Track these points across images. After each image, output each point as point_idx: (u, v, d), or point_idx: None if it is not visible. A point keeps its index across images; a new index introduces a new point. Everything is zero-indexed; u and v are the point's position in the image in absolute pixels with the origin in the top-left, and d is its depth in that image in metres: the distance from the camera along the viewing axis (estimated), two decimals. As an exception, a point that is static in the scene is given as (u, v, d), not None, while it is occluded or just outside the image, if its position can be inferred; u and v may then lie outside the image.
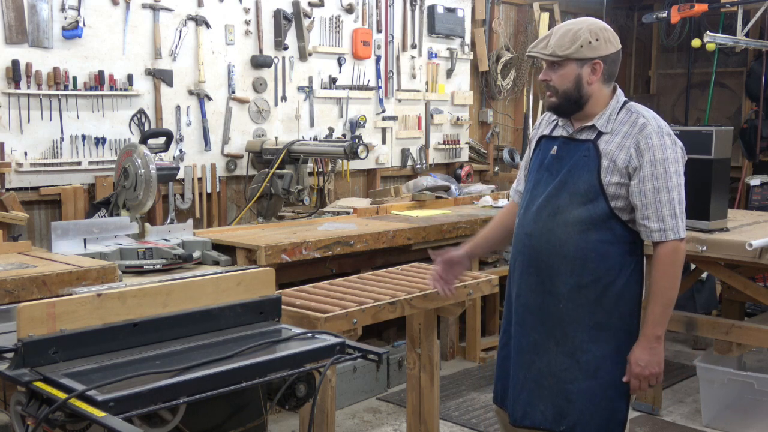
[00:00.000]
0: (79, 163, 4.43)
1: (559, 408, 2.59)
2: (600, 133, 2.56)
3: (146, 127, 4.66)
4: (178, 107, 4.84)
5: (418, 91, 6.28)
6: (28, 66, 4.20)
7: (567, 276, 2.55)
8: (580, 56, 2.50)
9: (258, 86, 5.22)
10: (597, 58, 2.51)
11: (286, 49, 5.33)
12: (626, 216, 2.53)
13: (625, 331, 2.59)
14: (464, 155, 6.75)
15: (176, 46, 4.79)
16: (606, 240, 2.53)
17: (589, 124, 2.58)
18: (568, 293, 2.55)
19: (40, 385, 1.85)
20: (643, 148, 2.48)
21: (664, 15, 6.26)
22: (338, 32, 5.68)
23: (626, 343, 2.59)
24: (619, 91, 2.62)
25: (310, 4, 5.47)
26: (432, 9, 6.26)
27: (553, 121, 2.72)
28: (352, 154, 4.70)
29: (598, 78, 2.54)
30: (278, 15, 5.27)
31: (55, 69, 4.29)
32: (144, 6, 4.64)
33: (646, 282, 2.64)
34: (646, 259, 2.69)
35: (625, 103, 2.60)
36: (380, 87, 5.98)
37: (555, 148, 2.63)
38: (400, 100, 6.15)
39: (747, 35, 6.28)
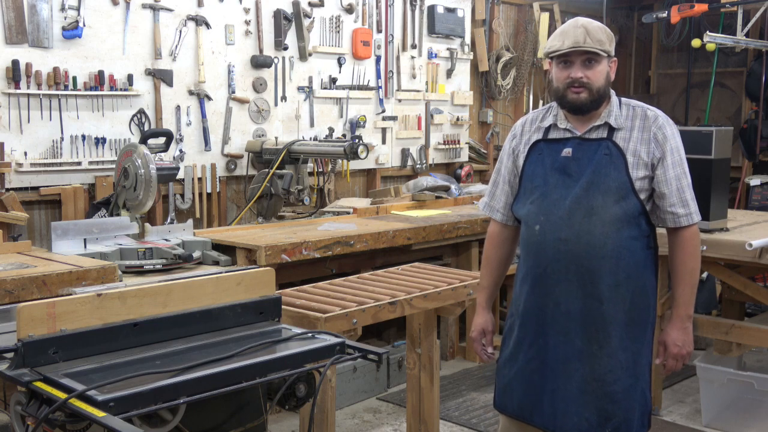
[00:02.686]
0: (79, 163, 4.43)
1: (603, 411, 2.57)
2: (612, 130, 2.57)
3: (146, 127, 4.66)
4: (178, 107, 4.84)
5: (418, 91, 6.28)
6: (28, 66, 4.20)
7: (606, 276, 2.54)
8: (612, 53, 2.57)
9: (258, 86, 5.22)
10: (614, 56, 2.61)
11: (286, 49, 5.33)
12: (648, 208, 2.58)
13: (650, 323, 2.64)
14: (464, 155, 6.75)
15: (176, 46, 4.79)
16: (634, 236, 2.55)
17: (601, 122, 2.58)
18: (608, 293, 2.55)
19: (40, 385, 1.85)
20: (662, 139, 2.55)
21: (664, 15, 6.26)
22: (338, 32, 5.68)
23: (650, 336, 2.65)
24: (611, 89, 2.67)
25: (310, 4, 5.47)
26: (432, 9, 6.26)
27: (540, 126, 2.68)
28: (352, 154, 4.70)
29: (613, 75, 2.62)
30: (278, 15, 5.27)
31: (55, 69, 4.29)
32: (144, 6, 4.64)
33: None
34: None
35: (619, 99, 2.64)
36: (380, 87, 5.98)
37: (569, 150, 2.60)
38: (400, 100, 6.15)
39: (747, 35, 6.28)
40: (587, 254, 2.54)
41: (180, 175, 4.73)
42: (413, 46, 6.22)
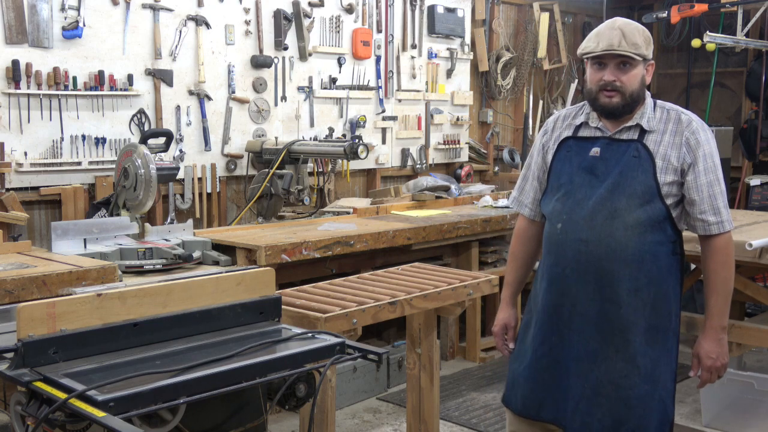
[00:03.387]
0: (79, 163, 4.43)
1: (617, 415, 2.54)
2: (644, 132, 2.52)
3: (146, 127, 4.66)
4: (178, 107, 4.84)
5: (418, 91, 6.28)
6: (28, 66, 4.20)
7: (626, 281, 2.50)
8: (649, 57, 2.53)
9: (258, 86, 5.22)
10: (652, 59, 2.56)
11: (286, 49, 5.33)
12: (675, 213, 2.53)
13: (673, 331, 2.58)
14: (464, 155, 6.75)
15: (176, 46, 4.79)
16: (658, 241, 2.51)
17: (632, 123, 2.54)
18: (627, 298, 2.51)
19: (40, 385, 1.85)
20: (694, 144, 2.50)
21: (664, 15, 6.26)
22: (338, 32, 5.68)
23: (674, 344, 2.60)
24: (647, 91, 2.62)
25: (310, 4, 5.47)
26: (432, 9, 6.26)
27: (572, 122, 2.65)
28: (352, 154, 4.70)
29: (650, 79, 2.58)
30: (278, 15, 5.27)
31: (55, 69, 4.29)
32: (144, 6, 4.64)
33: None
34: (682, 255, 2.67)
35: (654, 101, 2.60)
36: (380, 87, 5.98)
37: (597, 149, 2.56)
38: (400, 100, 6.15)
39: (747, 35, 6.29)
40: (607, 257, 2.50)
41: (180, 175, 4.73)
42: (413, 46, 6.22)
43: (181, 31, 4.80)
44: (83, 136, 4.44)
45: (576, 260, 2.55)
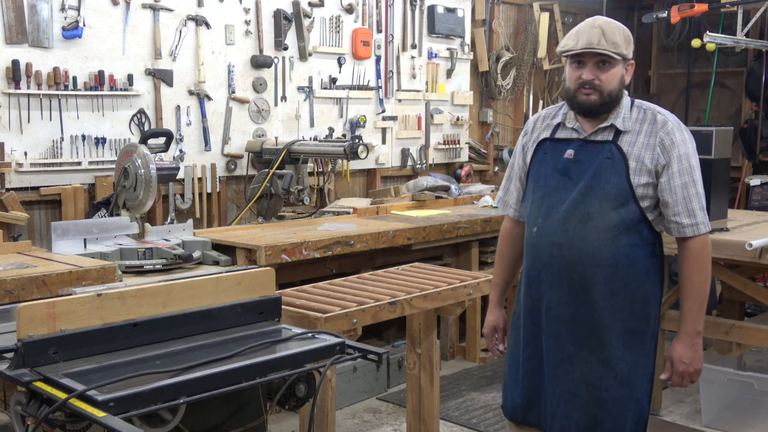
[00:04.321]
0: (79, 163, 4.43)
1: (593, 417, 2.53)
2: (618, 133, 2.50)
3: (146, 127, 4.66)
4: (178, 107, 4.84)
5: (418, 91, 6.28)
6: (28, 66, 4.20)
7: (601, 285, 2.48)
8: (628, 56, 2.50)
9: (258, 86, 5.22)
10: (632, 59, 2.54)
11: (286, 49, 5.33)
12: (652, 215, 2.50)
13: (651, 334, 2.56)
14: (464, 155, 6.75)
15: (176, 46, 4.79)
16: (635, 243, 2.48)
17: (607, 124, 2.51)
18: (603, 301, 2.48)
19: (40, 385, 1.85)
20: (669, 145, 2.47)
21: (664, 15, 6.26)
22: (338, 32, 5.68)
23: (653, 347, 2.58)
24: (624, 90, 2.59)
25: (310, 4, 5.47)
26: (432, 9, 6.26)
27: (551, 123, 2.63)
28: (352, 154, 4.70)
29: (629, 78, 2.55)
30: (278, 15, 5.27)
31: (55, 69, 4.29)
32: (144, 6, 4.64)
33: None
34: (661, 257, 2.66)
35: (632, 100, 2.57)
36: (380, 87, 5.98)
37: (571, 152, 2.54)
38: (400, 100, 6.15)
39: (747, 35, 6.28)
40: (580, 261, 2.48)
41: (180, 175, 4.73)
42: (413, 46, 6.22)
43: (181, 31, 4.80)
44: (83, 136, 4.44)
45: (549, 264, 2.54)
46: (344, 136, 5.67)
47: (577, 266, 2.49)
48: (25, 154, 4.24)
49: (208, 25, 4.91)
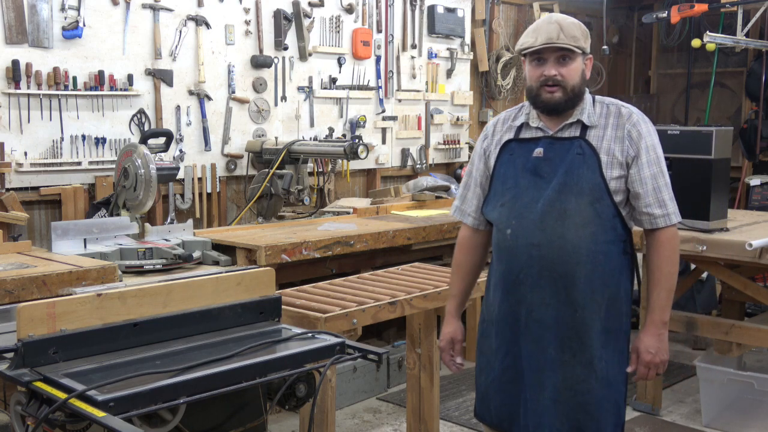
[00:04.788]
0: (79, 163, 4.43)
1: (575, 422, 2.49)
2: (585, 128, 2.47)
3: (146, 127, 4.66)
4: (178, 107, 4.84)
5: (418, 91, 6.28)
6: (28, 66, 4.20)
7: (581, 282, 2.44)
8: (587, 50, 2.48)
9: (258, 86, 5.22)
10: (590, 53, 2.53)
11: (286, 49, 5.33)
12: (624, 211, 2.48)
13: (624, 332, 2.54)
14: (464, 155, 6.75)
15: (176, 46, 4.79)
16: (610, 240, 2.45)
17: (573, 120, 2.48)
18: (584, 300, 2.45)
19: (40, 385, 1.85)
20: (636, 137, 2.45)
21: (664, 15, 6.26)
22: (338, 32, 5.68)
23: (626, 346, 2.56)
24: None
25: (310, 4, 5.47)
26: (432, 9, 6.26)
27: (513, 125, 2.59)
28: (352, 154, 4.70)
29: (589, 73, 2.54)
30: (278, 15, 5.27)
31: (55, 69, 4.29)
32: (144, 6, 4.64)
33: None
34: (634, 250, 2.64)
35: (593, 96, 2.56)
36: (380, 87, 5.98)
37: (540, 150, 2.49)
38: (400, 100, 6.15)
39: (747, 35, 6.28)
40: (561, 259, 2.44)
41: (180, 175, 4.73)
42: (413, 46, 6.22)
43: (181, 31, 4.80)
44: (83, 136, 4.44)
45: (529, 265, 2.48)
46: (344, 136, 5.67)
47: (558, 265, 2.44)
48: (25, 154, 4.24)
49: (208, 25, 4.91)
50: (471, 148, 6.84)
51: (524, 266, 2.50)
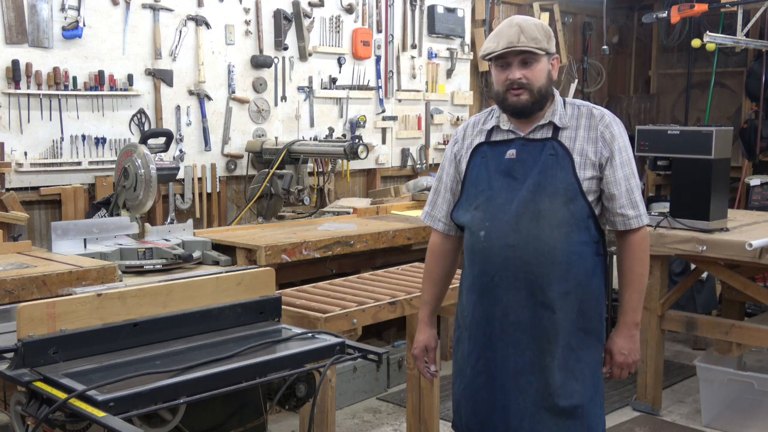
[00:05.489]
0: (79, 163, 4.43)
1: (560, 428, 2.47)
2: (557, 129, 2.47)
3: (146, 127, 4.66)
4: (178, 107, 4.84)
5: (418, 91, 6.28)
6: (28, 66, 4.20)
7: (556, 283, 2.43)
8: (551, 50, 2.48)
9: (258, 86, 5.22)
10: (556, 53, 2.52)
11: (286, 49, 5.33)
12: (597, 211, 2.48)
13: (599, 332, 2.53)
14: (464, 155, 6.74)
15: (176, 46, 4.79)
16: (584, 241, 2.45)
17: (545, 121, 2.48)
18: (559, 302, 2.44)
19: (40, 385, 1.85)
20: (609, 138, 2.45)
21: (664, 15, 6.26)
22: (338, 32, 5.68)
23: (600, 346, 2.55)
24: (554, 89, 2.56)
25: (310, 4, 5.47)
26: (432, 9, 6.26)
27: (483, 128, 2.58)
28: (352, 154, 4.70)
29: (556, 73, 2.53)
30: (278, 15, 5.27)
31: (55, 69, 4.29)
32: (144, 6, 4.64)
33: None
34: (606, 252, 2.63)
35: (563, 99, 2.55)
36: (380, 87, 5.98)
37: (513, 151, 2.48)
38: (400, 100, 6.15)
39: (747, 35, 6.28)
40: (536, 260, 2.42)
41: (180, 175, 4.73)
42: (413, 46, 6.22)
43: (181, 31, 4.80)
44: (83, 136, 4.44)
45: (504, 267, 2.46)
46: (344, 136, 5.67)
47: (534, 266, 2.43)
48: (25, 154, 4.24)
49: (208, 25, 4.91)
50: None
51: (499, 268, 2.47)
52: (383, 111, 6.02)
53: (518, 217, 2.44)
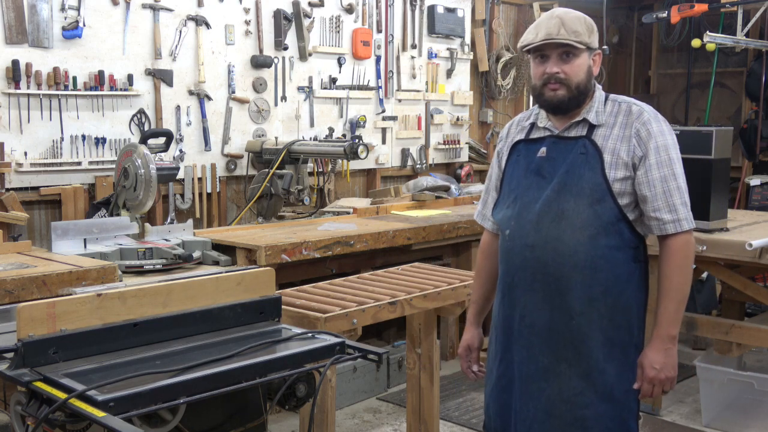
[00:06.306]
0: (79, 163, 4.43)
1: None
2: (592, 127, 2.36)
3: (146, 127, 4.66)
4: (178, 107, 4.84)
5: (418, 91, 6.28)
6: (28, 66, 4.20)
7: (578, 288, 2.31)
8: (593, 45, 2.37)
9: (258, 86, 5.22)
10: (598, 48, 2.42)
11: (286, 49, 5.33)
12: (632, 215, 2.34)
13: (634, 346, 2.39)
14: (464, 155, 6.75)
15: (176, 46, 4.79)
16: (614, 245, 2.31)
17: (579, 118, 2.38)
18: (580, 307, 2.32)
19: (40, 385, 1.85)
20: (645, 135, 2.32)
21: (664, 15, 6.26)
22: (338, 32, 5.68)
23: (636, 360, 2.40)
24: (597, 84, 2.47)
25: (310, 4, 5.47)
26: (432, 9, 6.26)
27: (524, 125, 2.53)
28: (352, 154, 4.70)
29: (597, 69, 2.43)
30: (278, 15, 5.27)
31: (55, 69, 4.29)
32: (144, 6, 4.64)
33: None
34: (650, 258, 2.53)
35: (606, 95, 2.45)
36: (380, 87, 5.98)
37: (543, 149, 2.41)
38: (400, 100, 6.15)
39: (747, 35, 6.29)
40: (555, 262, 2.32)
41: (180, 175, 4.73)
42: (413, 46, 6.22)
43: (181, 31, 4.80)
44: (83, 136, 4.44)
45: (523, 267, 2.39)
46: (344, 136, 5.67)
47: (552, 268, 2.33)
48: (25, 154, 4.24)
49: (208, 25, 4.91)
50: (471, 148, 6.84)
51: (519, 268, 2.41)
52: (383, 111, 6.02)
53: (540, 217, 2.36)
